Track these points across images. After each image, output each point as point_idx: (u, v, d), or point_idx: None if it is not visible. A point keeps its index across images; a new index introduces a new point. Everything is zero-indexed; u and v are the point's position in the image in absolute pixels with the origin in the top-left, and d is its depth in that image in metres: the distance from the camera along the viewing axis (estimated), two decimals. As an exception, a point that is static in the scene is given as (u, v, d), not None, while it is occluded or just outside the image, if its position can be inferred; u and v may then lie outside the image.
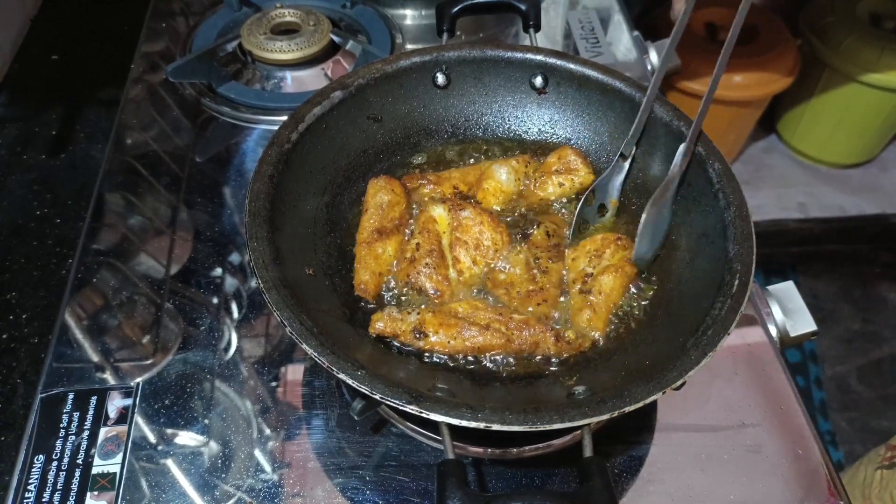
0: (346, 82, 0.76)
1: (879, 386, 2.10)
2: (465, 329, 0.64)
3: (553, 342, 0.64)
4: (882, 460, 1.06)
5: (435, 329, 0.65)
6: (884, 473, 1.04)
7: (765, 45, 2.02)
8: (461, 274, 0.71)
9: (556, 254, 0.72)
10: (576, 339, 0.65)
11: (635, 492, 0.69)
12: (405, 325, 0.65)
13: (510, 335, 0.64)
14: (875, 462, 1.07)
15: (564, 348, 0.65)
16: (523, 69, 0.81)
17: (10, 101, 1.12)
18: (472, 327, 0.65)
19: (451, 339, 0.64)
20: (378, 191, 0.75)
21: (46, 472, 0.67)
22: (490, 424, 0.51)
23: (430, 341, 0.65)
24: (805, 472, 0.70)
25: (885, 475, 1.04)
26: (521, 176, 0.79)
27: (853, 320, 2.24)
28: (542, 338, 0.64)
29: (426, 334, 0.65)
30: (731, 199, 0.67)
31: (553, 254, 0.72)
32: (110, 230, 0.89)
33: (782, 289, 0.86)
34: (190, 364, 0.76)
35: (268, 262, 0.60)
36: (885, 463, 1.05)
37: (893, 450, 1.06)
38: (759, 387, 0.76)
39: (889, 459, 1.05)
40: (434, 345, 0.65)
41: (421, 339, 0.65)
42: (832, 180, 2.45)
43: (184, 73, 1.04)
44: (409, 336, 0.65)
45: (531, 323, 0.65)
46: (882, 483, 1.03)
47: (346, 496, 0.67)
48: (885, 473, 1.04)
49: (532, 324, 0.65)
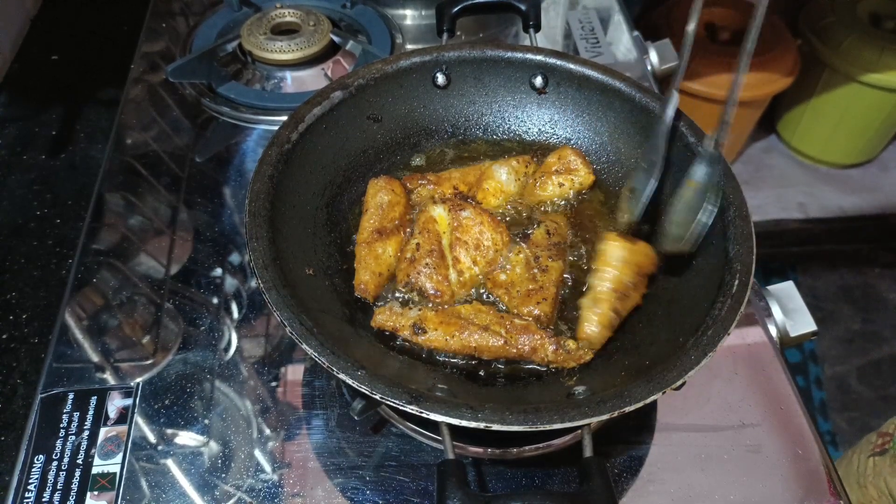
0: (346, 82, 0.76)
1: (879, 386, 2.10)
2: (464, 328, 0.65)
3: (552, 350, 0.64)
4: (874, 448, 1.06)
5: (434, 326, 0.65)
6: (876, 461, 1.04)
7: (765, 45, 2.02)
8: (461, 274, 0.71)
9: (557, 252, 0.72)
10: (576, 349, 0.64)
11: (635, 492, 0.69)
12: (406, 319, 0.66)
13: (508, 338, 0.64)
14: (867, 450, 1.08)
15: (562, 358, 0.64)
16: (523, 69, 0.82)
17: (10, 101, 1.12)
18: (470, 327, 0.65)
19: (450, 336, 0.64)
20: (378, 191, 0.75)
21: (46, 472, 0.67)
22: (490, 424, 0.51)
23: (428, 337, 0.65)
24: (805, 472, 0.70)
25: (877, 462, 1.04)
26: (521, 176, 0.79)
27: (853, 320, 2.24)
28: (541, 344, 0.64)
29: (425, 330, 0.65)
30: (731, 199, 0.67)
31: (553, 252, 0.72)
32: (110, 230, 0.89)
33: (782, 289, 0.86)
34: (190, 364, 0.76)
35: (268, 262, 0.60)
36: (877, 450, 1.05)
37: (884, 437, 1.06)
38: (759, 387, 0.76)
39: (881, 447, 1.05)
40: (432, 341, 0.65)
41: (420, 334, 0.65)
42: (832, 180, 2.45)
43: (184, 73, 1.04)
44: (408, 331, 0.65)
45: (532, 329, 0.65)
46: (875, 470, 1.03)
47: (346, 496, 0.67)
48: (877, 461, 1.04)
49: (532, 330, 0.65)
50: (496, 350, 0.64)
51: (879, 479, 1.01)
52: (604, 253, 0.69)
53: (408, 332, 0.65)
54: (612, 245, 0.68)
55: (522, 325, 0.65)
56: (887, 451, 1.03)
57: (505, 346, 0.64)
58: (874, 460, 1.05)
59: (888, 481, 1.00)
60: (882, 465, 1.03)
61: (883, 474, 1.01)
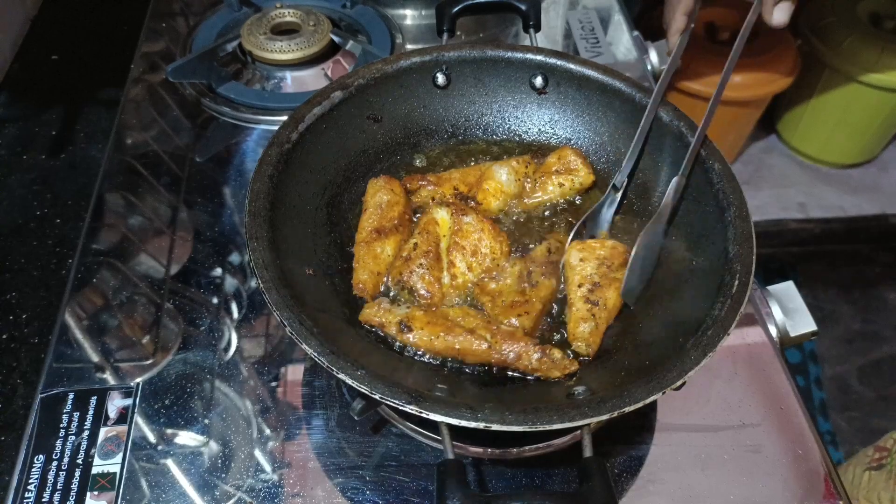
0: (346, 82, 0.76)
1: (879, 386, 2.10)
2: (450, 330, 0.64)
3: (536, 359, 0.63)
4: (870, 461, 1.06)
5: (421, 325, 0.64)
6: (872, 475, 1.04)
7: (765, 45, 2.02)
8: (454, 279, 0.71)
9: (551, 270, 0.71)
10: (561, 359, 0.63)
11: (635, 492, 0.69)
12: (393, 316, 0.65)
13: (493, 343, 0.63)
14: (863, 463, 1.07)
15: (546, 367, 0.63)
16: (523, 69, 0.81)
17: (10, 101, 1.12)
18: (456, 329, 0.64)
19: (434, 336, 0.64)
20: (377, 191, 0.75)
21: (46, 472, 0.67)
22: (490, 424, 0.51)
23: (413, 337, 0.64)
24: (805, 472, 0.70)
25: (873, 476, 1.04)
26: (521, 176, 0.79)
27: (853, 320, 2.24)
28: (525, 352, 0.63)
29: (411, 329, 0.64)
30: (731, 199, 0.67)
31: (547, 270, 0.71)
32: (110, 230, 0.89)
33: (782, 289, 0.86)
34: (190, 364, 0.76)
35: (268, 262, 0.60)
36: (874, 464, 1.05)
37: (882, 451, 1.06)
38: (759, 387, 0.76)
39: (877, 461, 1.05)
40: (416, 341, 0.64)
41: (405, 332, 0.64)
42: (832, 180, 2.45)
43: (184, 73, 1.04)
44: (394, 328, 0.65)
45: (518, 336, 0.64)
46: (870, 484, 1.03)
47: (346, 496, 0.67)
48: (873, 475, 1.04)
49: (518, 337, 0.64)
50: (480, 354, 0.63)
51: (873, 494, 1.01)
52: (565, 265, 0.72)
53: (394, 329, 0.65)
54: (569, 253, 0.72)
55: (509, 332, 0.64)
56: (884, 465, 1.03)
57: (489, 350, 0.63)
58: (870, 474, 1.04)
59: (881, 496, 1.00)
60: (878, 479, 1.02)
61: (877, 489, 1.01)
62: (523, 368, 0.64)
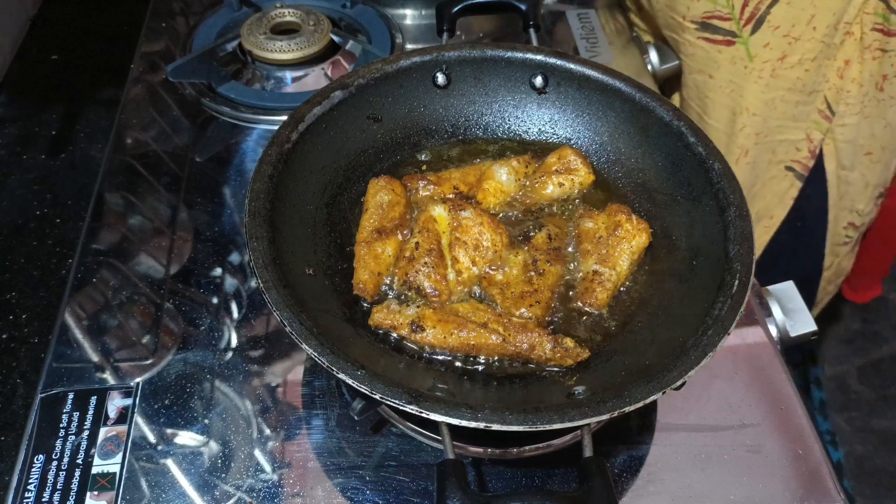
0: (346, 82, 0.76)
1: (879, 386, 2.10)
2: (462, 326, 0.64)
3: (549, 348, 0.64)
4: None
5: (433, 324, 0.65)
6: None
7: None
8: (460, 274, 0.71)
9: (556, 257, 0.72)
10: (573, 347, 0.64)
11: (635, 492, 0.69)
12: (403, 317, 0.65)
13: (506, 336, 0.64)
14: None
15: (560, 356, 0.64)
16: (523, 69, 0.81)
17: (10, 101, 1.12)
18: (468, 325, 0.65)
19: (447, 334, 0.64)
20: (378, 191, 0.75)
21: (46, 471, 0.67)
22: (490, 424, 0.51)
23: (426, 336, 0.65)
24: (805, 472, 0.70)
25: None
26: (521, 176, 0.79)
27: (853, 320, 2.24)
28: (539, 342, 0.64)
29: (423, 328, 0.65)
30: (731, 199, 0.67)
31: (552, 256, 0.72)
32: (110, 230, 0.89)
33: (782, 289, 0.86)
34: (190, 364, 0.76)
35: (268, 262, 0.60)
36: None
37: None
38: (759, 387, 0.76)
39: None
40: (430, 340, 0.65)
41: (418, 332, 0.65)
42: (832, 180, 2.44)
43: (184, 73, 1.04)
44: (406, 329, 0.65)
45: (530, 327, 0.65)
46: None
47: (346, 496, 0.67)
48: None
49: (530, 328, 0.65)
50: (494, 348, 0.64)
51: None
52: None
53: (405, 330, 0.65)
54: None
55: (520, 324, 0.65)
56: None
57: (503, 343, 0.64)
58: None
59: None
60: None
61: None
62: (537, 358, 0.64)
